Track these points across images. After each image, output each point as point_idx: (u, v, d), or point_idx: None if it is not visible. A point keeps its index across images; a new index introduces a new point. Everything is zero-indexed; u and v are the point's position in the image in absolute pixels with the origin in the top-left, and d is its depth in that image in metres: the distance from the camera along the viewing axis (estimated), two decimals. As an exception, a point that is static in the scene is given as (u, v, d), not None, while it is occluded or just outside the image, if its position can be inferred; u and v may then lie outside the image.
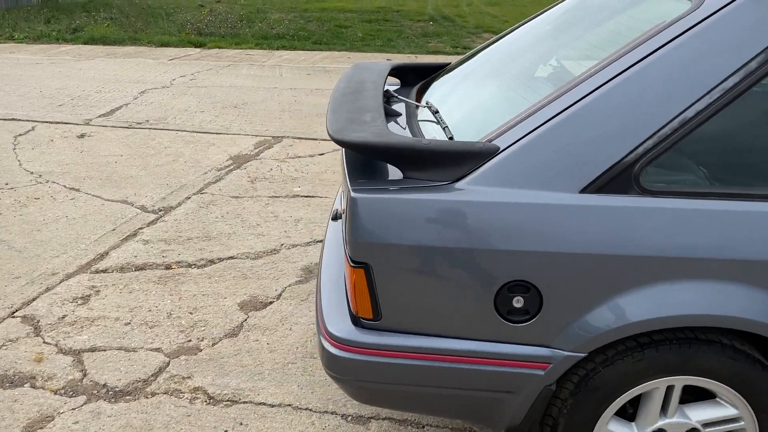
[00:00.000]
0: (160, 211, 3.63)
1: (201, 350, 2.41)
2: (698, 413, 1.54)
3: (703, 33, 1.42)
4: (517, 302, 1.46)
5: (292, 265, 3.05)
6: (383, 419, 2.06)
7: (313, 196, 3.88)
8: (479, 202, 1.44)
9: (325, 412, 2.10)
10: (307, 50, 9.44)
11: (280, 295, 2.79)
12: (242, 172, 4.25)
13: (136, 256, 3.11)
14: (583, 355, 1.47)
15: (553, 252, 1.42)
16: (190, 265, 3.04)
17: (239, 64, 8.09)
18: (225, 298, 2.76)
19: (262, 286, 2.85)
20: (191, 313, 2.64)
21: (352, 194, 1.48)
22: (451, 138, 1.65)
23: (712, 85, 1.40)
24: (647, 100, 1.41)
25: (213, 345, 2.44)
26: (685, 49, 1.42)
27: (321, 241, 3.25)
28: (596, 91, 1.44)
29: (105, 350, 2.41)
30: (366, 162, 1.66)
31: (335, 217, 2.18)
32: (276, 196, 3.87)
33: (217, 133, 5.12)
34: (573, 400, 1.52)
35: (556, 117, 1.45)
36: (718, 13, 1.43)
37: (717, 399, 1.54)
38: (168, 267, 3.02)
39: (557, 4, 2.40)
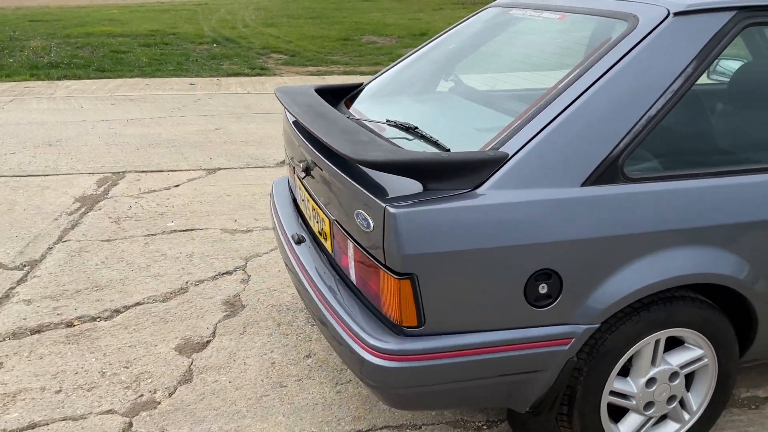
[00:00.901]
0: (25, 266, 3.24)
1: (160, 403, 2.26)
2: (676, 359, 1.88)
3: (646, 49, 1.75)
4: (542, 289, 1.66)
5: (209, 300, 2.94)
6: (381, 428, 2.14)
7: (193, 229, 3.73)
8: (502, 203, 1.61)
9: (320, 434, 2.13)
10: (93, 79, 8.83)
11: (214, 332, 2.69)
12: (100, 214, 3.93)
13: (25, 319, 2.76)
14: (596, 326, 1.72)
15: (568, 240, 1.64)
16: (94, 319, 2.78)
17: (24, 98, 7.32)
18: (155, 345, 2.59)
19: (190, 327, 2.72)
20: (127, 367, 2.45)
21: (392, 210, 1.55)
22: (448, 150, 1.80)
23: (662, 89, 1.73)
24: (620, 105, 1.70)
25: (170, 395, 2.29)
26: (637, 61, 1.73)
27: (228, 272, 3.19)
28: (579, 99, 1.69)
29: (48, 424, 2.14)
30: (356, 181, 1.73)
31: (299, 242, 2.22)
32: (152, 234, 3.66)
33: (45, 175, 4.63)
34: (588, 367, 1.76)
35: (551, 124, 1.67)
36: (654, 31, 1.76)
37: (686, 345, 1.89)
38: (69, 324, 2.73)
39: (462, 25, 2.67)
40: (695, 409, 1.95)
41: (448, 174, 1.63)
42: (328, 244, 2.05)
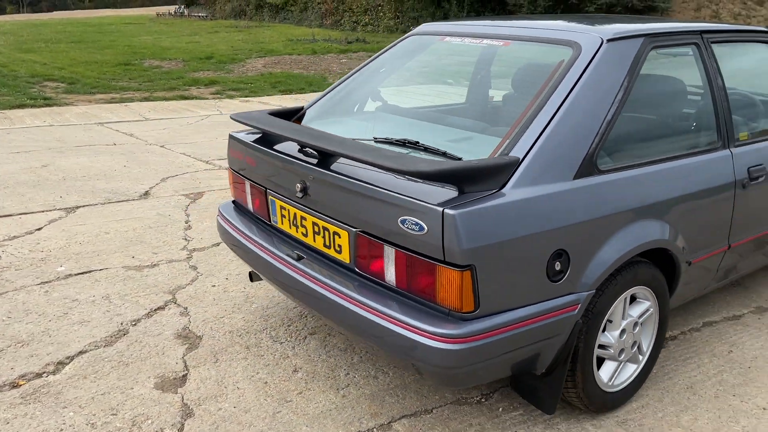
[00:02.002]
0: None
1: (173, 440, 2.21)
2: (635, 311, 2.37)
3: (595, 69, 2.21)
4: (557, 266, 2.02)
5: (159, 337, 2.85)
6: (399, 419, 2.33)
7: (90, 271, 3.51)
8: (524, 199, 1.94)
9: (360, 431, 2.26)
10: None
11: (185, 365, 2.64)
12: (-31, 267, 3.50)
13: (-44, 389, 2.45)
14: (593, 291, 2.12)
15: (571, 223, 2.03)
16: (40, 375, 2.56)
17: None
18: (131, 388, 2.48)
19: (157, 365, 2.64)
20: (115, 414, 2.32)
21: (451, 212, 1.80)
22: (459, 159, 2.09)
23: (612, 99, 2.20)
24: (587, 114, 2.13)
25: (181, 430, 2.25)
26: (591, 80, 2.17)
27: (161, 308, 3.09)
28: (559, 111, 2.09)
29: (66, 485, 1.99)
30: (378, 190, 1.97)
31: (299, 258, 2.34)
32: (46, 282, 3.37)
33: None
34: (587, 326, 2.16)
35: (544, 132, 2.05)
36: (597, 55, 2.23)
37: (638, 300, 2.39)
38: (15, 385, 2.49)
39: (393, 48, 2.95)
40: (646, 350, 2.46)
41: (480, 178, 1.92)
42: (344, 255, 2.20)
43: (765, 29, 2.98)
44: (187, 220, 4.35)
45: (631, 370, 2.42)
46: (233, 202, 2.94)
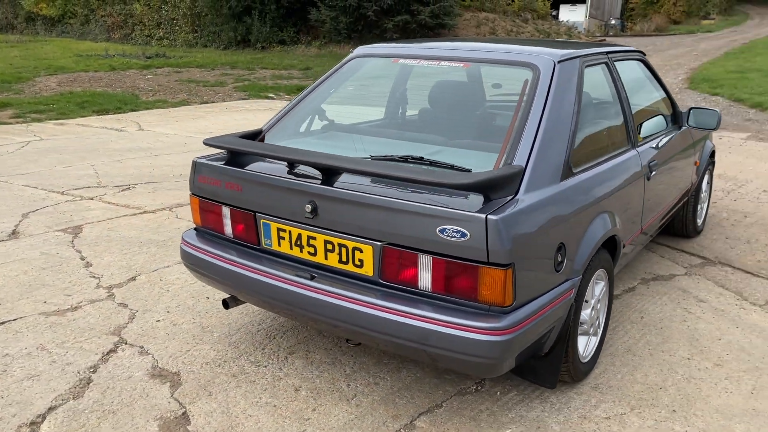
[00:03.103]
0: None
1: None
2: (597, 291, 2.77)
3: (557, 87, 2.57)
4: (559, 257, 2.34)
5: (131, 380, 2.69)
6: (419, 416, 2.48)
7: (3, 323, 3.15)
8: (536, 201, 2.23)
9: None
10: None
11: (180, 403, 2.53)
12: None
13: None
14: (581, 276, 2.48)
15: (566, 219, 2.37)
16: (17, 440, 2.31)
17: None
18: (135, 435, 2.34)
19: (148, 408, 2.50)
20: (135, 464, 2.19)
21: (494, 218, 2.03)
22: (469, 170, 2.32)
23: (572, 111, 2.58)
24: (559, 126, 2.49)
25: (216, 466, 2.19)
26: (556, 96, 2.54)
27: (113, 351, 2.90)
28: (541, 126, 2.42)
29: None
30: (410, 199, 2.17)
31: (313, 277, 2.41)
32: (-43, 340, 2.97)
33: None
34: (576, 305, 2.51)
35: (535, 145, 2.36)
36: (554, 75, 2.60)
37: (594, 279, 2.80)
38: (-6, 455, 2.22)
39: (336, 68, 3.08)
40: (602, 323, 2.88)
41: (503, 186, 2.18)
42: (366, 269, 2.31)
43: (638, 50, 3.62)
44: (82, 257, 4.02)
45: (594, 342, 2.83)
46: (196, 229, 2.86)
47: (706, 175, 4.53)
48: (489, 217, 2.04)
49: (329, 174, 2.37)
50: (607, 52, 3.12)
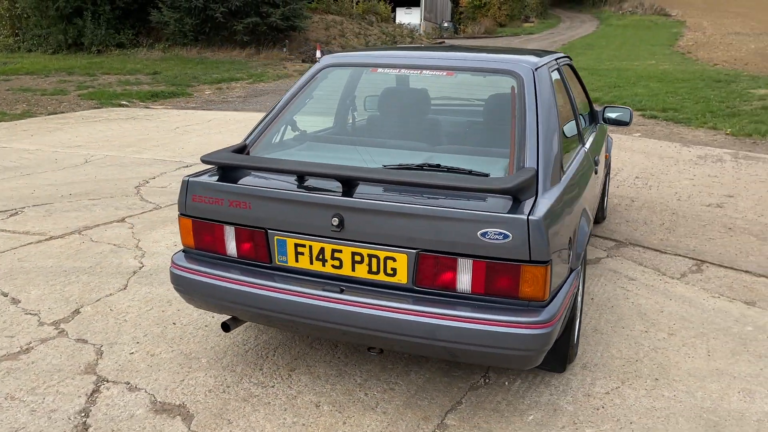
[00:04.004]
0: None
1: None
2: (579, 279, 3.02)
3: (540, 92, 2.75)
4: (569, 252, 2.54)
5: (135, 419, 2.50)
6: (447, 414, 2.56)
7: (-47, 374, 2.77)
8: (554, 199, 2.39)
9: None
10: None
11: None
12: None
13: None
14: (580, 266, 2.70)
15: (571, 216, 2.57)
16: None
17: None
18: (171, 476, 2.19)
19: (170, 445, 2.35)
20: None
21: (535, 219, 2.18)
22: (487, 175, 2.44)
23: (555, 114, 2.77)
24: (551, 128, 2.68)
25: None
26: (543, 100, 2.73)
27: (96, 391, 2.68)
28: (539, 128, 2.60)
29: None
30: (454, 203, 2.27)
31: (342, 290, 2.41)
32: None
33: None
34: (581, 289, 2.72)
35: (539, 148, 2.53)
36: (535, 81, 2.79)
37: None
38: None
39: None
40: (581, 308, 3.14)
41: (528, 188, 2.33)
42: (400, 277, 2.35)
43: (567, 54, 3.95)
44: (4, 293, 3.61)
45: (578, 326, 3.08)
46: (185, 251, 2.72)
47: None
48: (530, 218, 2.17)
49: (353, 186, 2.37)
50: (556, 58, 3.39)
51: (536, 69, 2.82)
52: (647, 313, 3.48)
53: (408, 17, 33.42)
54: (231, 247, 2.58)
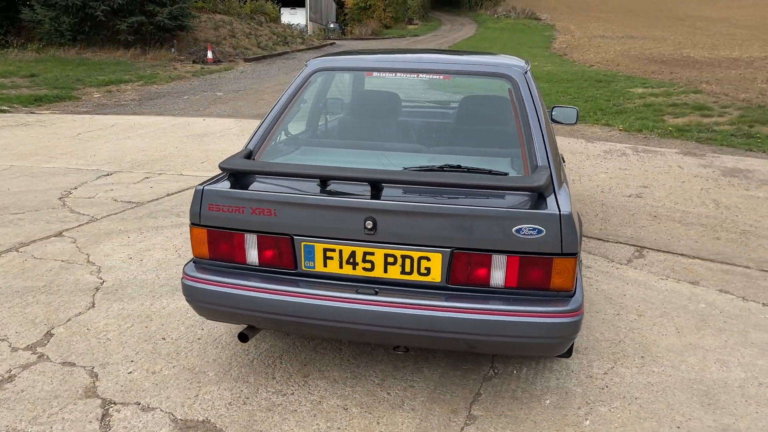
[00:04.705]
0: None
1: None
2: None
3: (532, 95, 2.92)
4: (581, 242, 2.71)
5: (163, 438, 2.40)
6: (471, 405, 2.65)
7: (-65, 411, 2.51)
8: (568, 195, 2.56)
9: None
10: None
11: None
12: None
13: None
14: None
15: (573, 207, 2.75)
16: None
17: None
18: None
19: (211, 462, 2.27)
20: None
21: (565, 213, 2.32)
22: (506, 174, 2.56)
23: (545, 115, 2.95)
24: (549, 128, 2.85)
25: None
26: (537, 102, 2.90)
27: (106, 416, 2.55)
28: (541, 128, 2.76)
29: None
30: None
31: (377, 292, 2.46)
32: None
33: None
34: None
35: (546, 147, 2.69)
36: (527, 82, 2.95)
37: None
38: None
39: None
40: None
41: (550, 185, 2.47)
42: (434, 275, 2.41)
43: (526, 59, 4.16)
44: (-46, 318, 3.29)
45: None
46: (195, 262, 2.63)
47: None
48: (562, 213, 2.31)
49: (381, 189, 2.41)
50: (526, 62, 3.57)
51: (525, 73, 2.98)
52: (612, 297, 3.76)
53: (293, 17, 33.20)
54: (252, 255, 2.53)
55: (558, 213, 2.31)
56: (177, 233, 4.64)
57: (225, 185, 2.53)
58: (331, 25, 33.69)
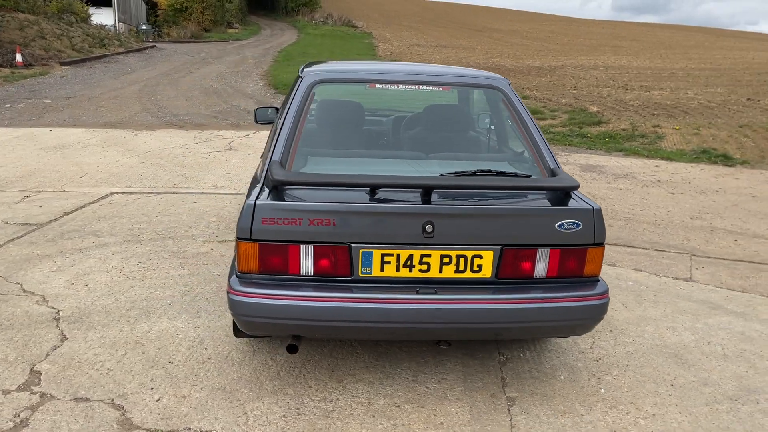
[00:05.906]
0: None
1: None
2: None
3: (521, 103, 3.24)
4: None
5: (241, 459, 2.34)
6: (505, 390, 2.88)
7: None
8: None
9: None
10: None
11: None
12: None
13: None
14: None
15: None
16: None
17: None
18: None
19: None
20: None
21: (597, 208, 2.65)
22: (528, 176, 2.83)
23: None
24: (539, 131, 3.18)
25: None
26: (525, 109, 3.22)
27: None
28: (538, 132, 3.08)
29: None
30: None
31: (436, 291, 2.62)
32: None
33: None
34: None
35: (549, 149, 3.02)
36: (512, 93, 3.26)
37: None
38: None
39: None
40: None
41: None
42: (485, 272, 2.61)
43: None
44: None
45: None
46: (239, 276, 2.57)
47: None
48: (594, 208, 2.64)
49: (438, 194, 2.56)
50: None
51: (509, 84, 3.29)
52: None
53: (99, 17, 30.90)
54: (306, 266, 2.54)
55: (592, 208, 2.63)
56: (109, 254, 4.31)
57: (276, 198, 2.51)
58: (143, 27, 31.85)
